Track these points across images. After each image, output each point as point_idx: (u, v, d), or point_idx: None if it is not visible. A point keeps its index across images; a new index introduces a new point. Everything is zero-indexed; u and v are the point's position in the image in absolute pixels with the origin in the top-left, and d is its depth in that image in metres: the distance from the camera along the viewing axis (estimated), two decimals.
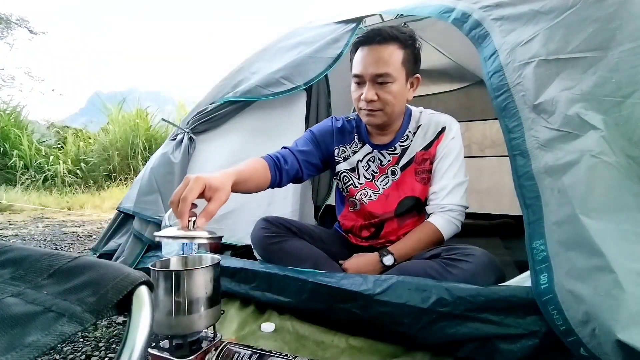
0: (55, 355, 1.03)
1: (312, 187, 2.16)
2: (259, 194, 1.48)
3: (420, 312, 0.83)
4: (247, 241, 1.40)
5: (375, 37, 1.02)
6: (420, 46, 1.08)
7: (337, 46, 1.47)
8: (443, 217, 1.08)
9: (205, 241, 0.72)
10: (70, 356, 1.03)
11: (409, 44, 1.04)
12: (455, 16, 1.04)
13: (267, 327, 0.99)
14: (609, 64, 0.73)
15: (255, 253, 1.21)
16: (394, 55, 1.01)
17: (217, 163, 1.52)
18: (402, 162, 1.15)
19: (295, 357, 0.72)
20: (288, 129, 1.55)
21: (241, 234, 1.45)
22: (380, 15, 2.01)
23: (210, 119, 1.52)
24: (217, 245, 1.48)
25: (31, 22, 10.39)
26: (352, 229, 1.25)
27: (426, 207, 1.14)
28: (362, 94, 1.04)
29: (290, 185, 1.46)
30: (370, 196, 1.18)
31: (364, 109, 1.07)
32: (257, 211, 1.40)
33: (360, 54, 1.05)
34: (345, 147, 1.22)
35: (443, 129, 1.13)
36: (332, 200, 1.34)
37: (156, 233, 0.73)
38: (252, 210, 1.45)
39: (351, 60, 1.11)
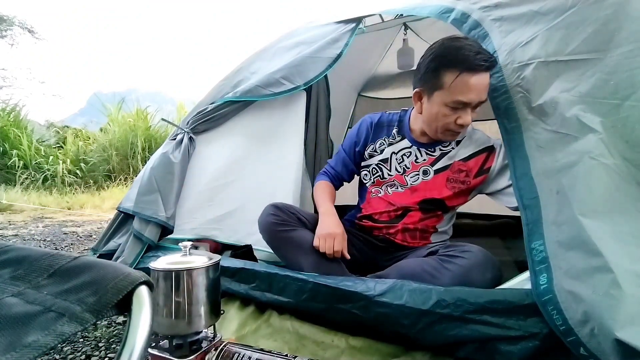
0: (55, 355, 1.03)
1: (312, 188, 2.15)
2: (259, 194, 1.49)
3: (420, 313, 0.83)
4: (248, 241, 1.41)
5: (490, 66, 0.92)
6: None
7: (337, 46, 1.47)
8: None
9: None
10: (70, 356, 1.03)
11: None
12: (454, 16, 1.04)
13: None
14: (608, 66, 0.73)
15: (256, 253, 1.21)
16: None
17: (216, 163, 1.52)
18: (438, 165, 1.15)
19: (295, 357, 0.72)
20: (288, 129, 1.55)
21: (241, 234, 1.45)
22: (380, 15, 2.01)
23: (210, 119, 1.52)
24: (217, 246, 1.48)
25: (34, 24, 10.39)
26: (372, 215, 1.23)
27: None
28: (457, 117, 1.00)
29: (291, 186, 1.47)
30: (397, 188, 1.20)
31: (455, 131, 1.05)
32: (257, 211, 1.39)
33: (481, 79, 0.93)
34: (383, 140, 1.24)
35: (491, 148, 1.12)
36: None
37: (151, 265, 0.74)
38: (252, 211, 1.44)
39: (445, 80, 0.97)
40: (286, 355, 0.73)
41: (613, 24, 0.74)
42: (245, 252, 1.37)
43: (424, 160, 1.17)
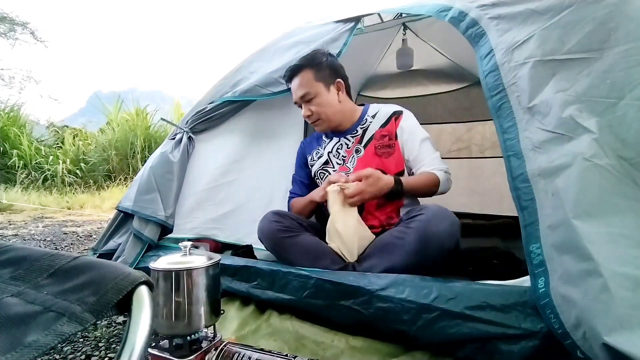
0: (55, 355, 1.03)
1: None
2: (258, 193, 1.49)
3: (420, 308, 0.83)
4: (248, 241, 1.41)
5: (290, 74, 1.30)
6: (332, 57, 1.32)
7: (336, 45, 1.47)
8: (442, 175, 1.22)
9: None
10: (70, 356, 1.03)
11: (315, 63, 1.27)
12: (452, 15, 1.04)
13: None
14: (604, 64, 0.73)
15: (256, 253, 1.20)
16: (305, 77, 1.26)
17: (216, 162, 1.52)
18: (364, 140, 1.31)
19: (295, 357, 0.73)
20: (287, 129, 1.56)
21: (241, 233, 1.45)
22: (379, 15, 2.01)
23: (209, 118, 1.53)
24: (218, 246, 1.48)
25: (34, 24, 10.41)
26: None
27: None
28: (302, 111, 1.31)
29: (289, 186, 1.47)
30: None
31: (310, 123, 1.33)
32: (257, 211, 1.40)
33: (290, 87, 1.33)
34: (317, 149, 1.41)
35: (398, 112, 1.32)
36: None
37: (151, 264, 0.74)
38: (252, 210, 1.45)
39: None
40: (286, 355, 0.73)
41: (610, 23, 0.74)
42: (245, 252, 1.37)
43: (353, 142, 1.33)
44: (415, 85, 2.76)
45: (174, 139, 1.54)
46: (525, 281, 0.81)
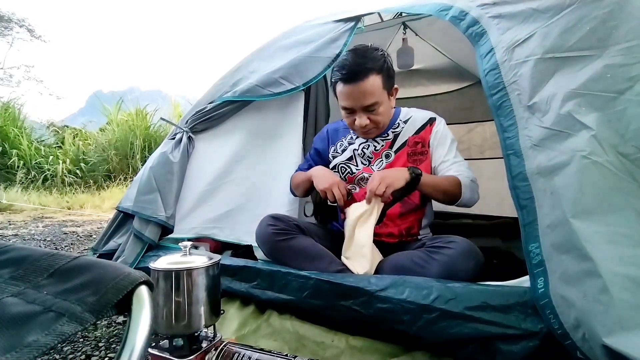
0: (55, 355, 1.03)
1: None
2: (258, 192, 1.49)
3: (420, 309, 0.83)
4: (247, 241, 1.40)
5: (356, 75, 1.10)
6: (390, 58, 1.18)
7: (336, 45, 1.46)
8: (468, 183, 1.14)
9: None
10: (70, 356, 1.03)
11: (384, 67, 1.13)
12: (452, 14, 1.04)
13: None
14: (605, 60, 0.72)
15: (256, 253, 1.19)
16: (375, 84, 1.11)
17: (216, 162, 1.52)
18: (396, 146, 1.25)
19: (295, 357, 0.73)
20: (287, 129, 1.55)
21: (241, 233, 1.45)
22: (380, 15, 2.01)
23: (209, 118, 1.52)
24: (218, 245, 1.48)
25: (32, 23, 10.41)
26: None
27: None
28: (354, 119, 1.17)
29: (289, 185, 1.47)
30: (368, 179, 1.22)
31: (360, 131, 1.22)
32: (257, 210, 1.40)
33: (345, 89, 1.13)
34: (342, 141, 1.35)
35: (432, 119, 1.27)
36: None
37: (151, 264, 0.74)
38: (251, 210, 1.45)
39: (334, 91, 1.20)
40: (286, 355, 0.73)
41: (611, 21, 0.74)
42: (245, 251, 1.37)
43: (383, 146, 1.27)
44: (415, 85, 2.76)
45: (173, 138, 1.54)
46: (525, 281, 0.81)
